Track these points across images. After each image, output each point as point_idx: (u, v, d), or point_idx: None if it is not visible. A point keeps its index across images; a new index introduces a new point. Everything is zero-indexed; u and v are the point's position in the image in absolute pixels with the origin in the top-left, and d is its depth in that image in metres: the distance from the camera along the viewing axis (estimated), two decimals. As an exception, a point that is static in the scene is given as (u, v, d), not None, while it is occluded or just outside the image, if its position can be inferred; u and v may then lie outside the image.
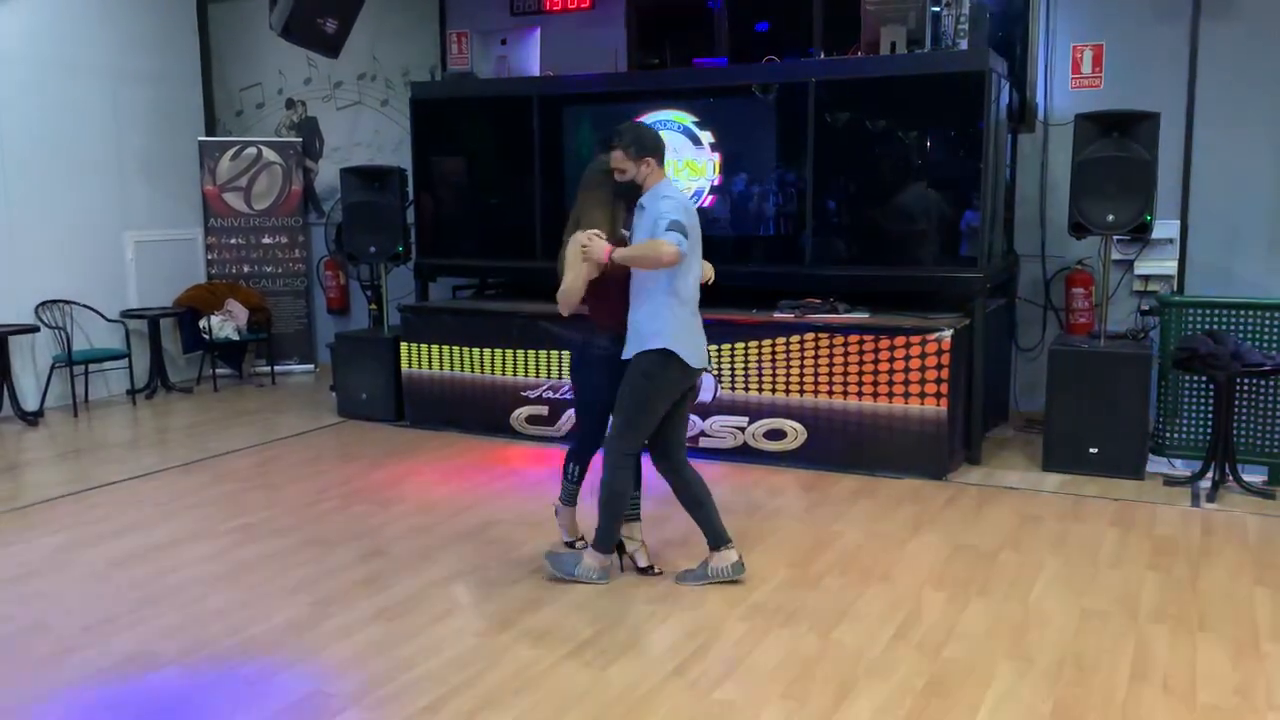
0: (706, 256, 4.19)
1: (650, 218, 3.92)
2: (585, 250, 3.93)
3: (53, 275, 7.66)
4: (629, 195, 4.04)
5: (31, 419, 7.24)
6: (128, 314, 8.10)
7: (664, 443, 4.15)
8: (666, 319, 3.94)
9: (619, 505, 4.14)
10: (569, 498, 4.50)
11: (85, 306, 7.79)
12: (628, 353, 4.02)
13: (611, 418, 4.14)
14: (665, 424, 4.10)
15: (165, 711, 3.23)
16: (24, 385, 7.42)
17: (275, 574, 4.35)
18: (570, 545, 4.52)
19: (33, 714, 3.23)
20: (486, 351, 6.68)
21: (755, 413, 5.97)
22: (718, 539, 4.18)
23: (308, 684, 3.38)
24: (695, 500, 4.18)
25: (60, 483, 5.78)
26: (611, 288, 4.02)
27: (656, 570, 4.28)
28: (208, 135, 9.00)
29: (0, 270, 7.34)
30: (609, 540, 4.18)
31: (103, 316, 7.91)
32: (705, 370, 4.20)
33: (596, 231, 3.97)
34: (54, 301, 7.60)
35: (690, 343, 3.99)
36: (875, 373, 5.67)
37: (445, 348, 6.83)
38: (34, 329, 7.38)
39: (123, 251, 8.29)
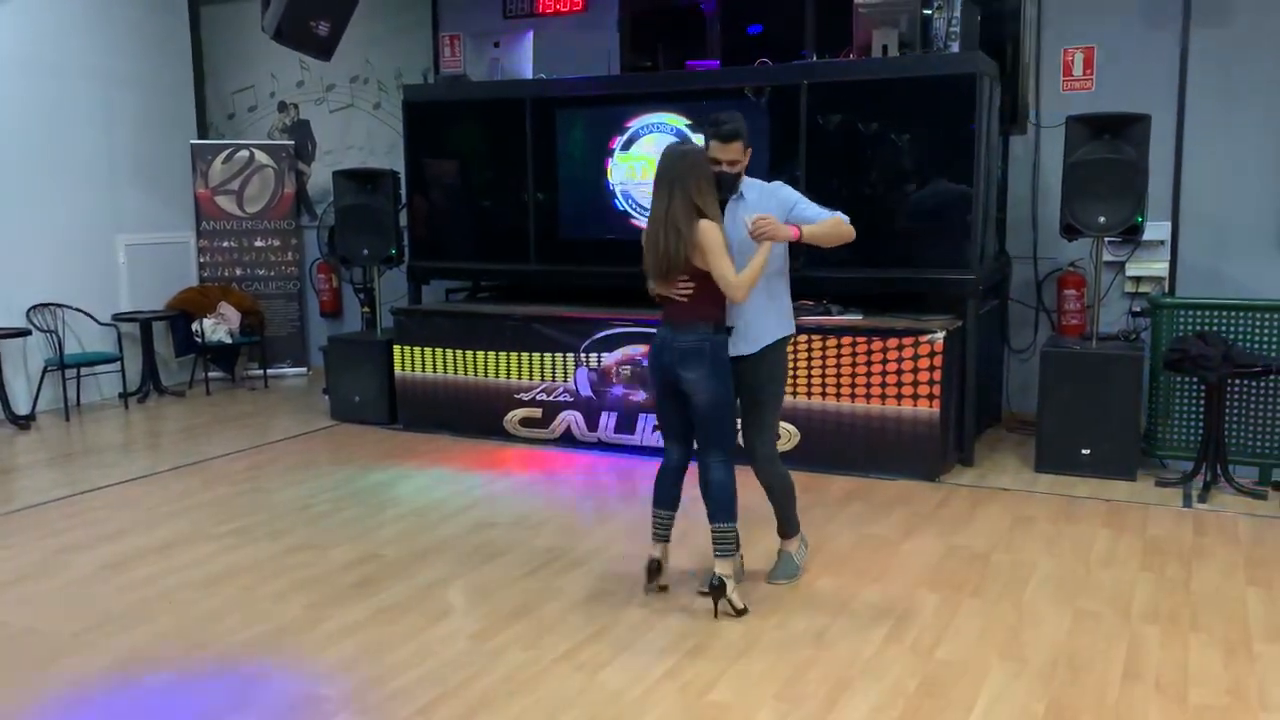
0: None
1: (763, 206, 3.84)
2: (766, 230, 3.69)
3: (44, 278, 7.64)
4: (723, 187, 3.84)
5: (23, 423, 7.22)
6: (120, 317, 8.08)
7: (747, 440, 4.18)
8: (783, 304, 4.07)
9: (792, 492, 4.23)
10: (664, 532, 4.14)
11: (77, 310, 7.77)
12: (755, 346, 3.91)
13: (746, 417, 4.10)
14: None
15: (159, 716, 3.22)
16: (15, 389, 7.41)
17: (269, 577, 4.34)
18: (663, 590, 4.09)
19: (28, 718, 3.21)
20: (480, 354, 6.68)
21: (748, 415, 5.97)
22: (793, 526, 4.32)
23: (302, 687, 3.37)
24: (786, 494, 4.27)
25: (52, 487, 5.76)
26: (713, 281, 3.78)
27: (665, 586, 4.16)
28: (200, 138, 9.00)
29: (-8, 274, 7.33)
30: (796, 523, 4.29)
31: (94, 320, 7.89)
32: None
33: (764, 215, 3.74)
34: (45, 305, 7.58)
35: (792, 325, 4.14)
36: (868, 374, 5.68)
37: (438, 350, 6.83)
38: (25, 332, 7.37)
39: (115, 254, 8.28)
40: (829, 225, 3.90)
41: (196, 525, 5.05)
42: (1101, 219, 5.52)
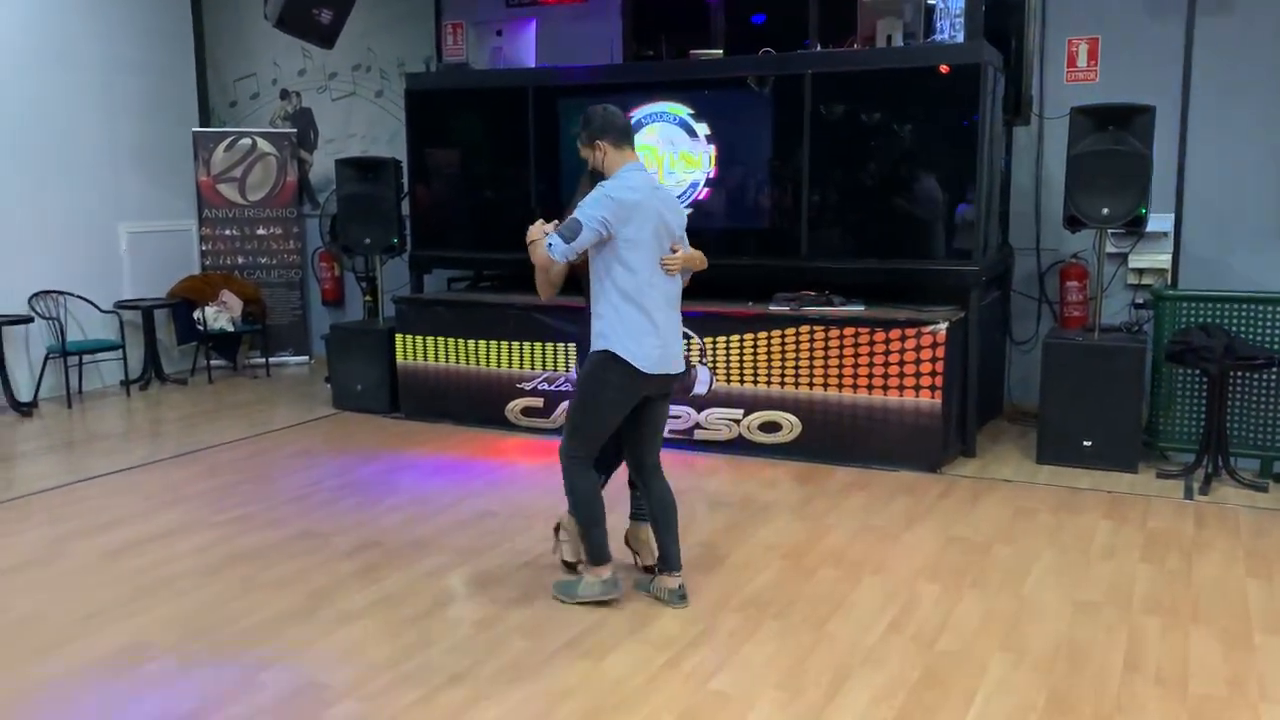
0: (702, 249, 4.02)
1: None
2: (530, 244, 3.78)
3: (46, 266, 7.63)
4: (593, 181, 3.86)
5: (25, 410, 7.23)
6: (122, 305, 8.08)
7: (633, 457, 3.96)
8: (609, 319, 3.70)
9: (591, 511, 3.86)
10: (639, 512, 4.17)
11: (79, 297, 7.77)
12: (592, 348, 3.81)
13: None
14: (633, 434, 3.88)
15: (160, 702, 3.22)
16: (17, 376, 7.40)
17: (270, 565, 4.34)
18: (571, 568, 4.16)
19: (28, 704, 3.22)
20: (481, 343, 6.68)
21: (750, 405, 5.98)
22: (667, 563, 3.93)
23: (303, 675, 3.38)
24: (653, 519, 3.97)
25: (54, 474, 5.77)
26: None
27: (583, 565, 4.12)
28: (202, 126, 8.97)
29: (-7, 261, 7.32)
30: (599, 551, 3.87)
31: (96, 307, 7.89)
32: (666, 375, 3.80)
33: (555, 224, 3.76)
34: (47, 292, 7.58)
35: (638, 345, 3.68)
36: (870, 365, 5.68)
37: (440, 339, 6.83)
38: (28, 320, 7.36)
39: (117, 242, 8.27)
40: (532, 243, 3.80)
41: (198, 513, 5.06)
42: (1105, 210, 5.51)
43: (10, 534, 4.79)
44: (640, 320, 3.71)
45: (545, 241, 3.66)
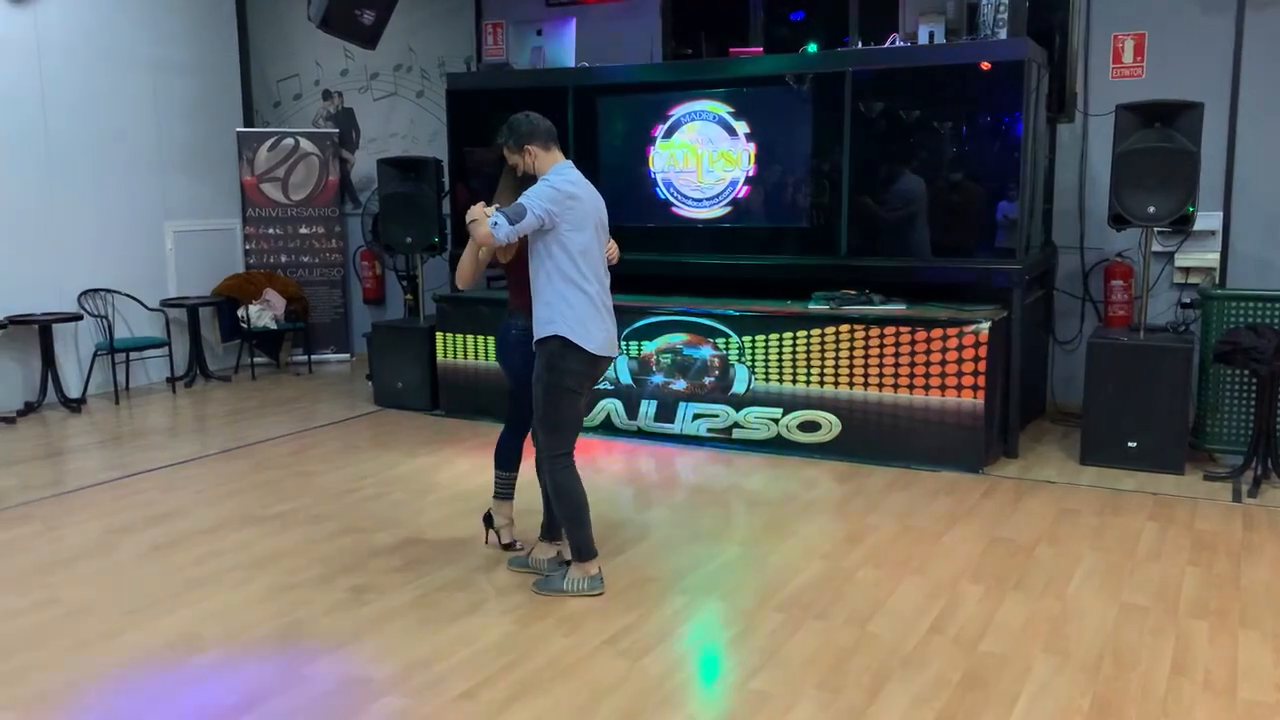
0: (741, 247, 4.11)
1: None
2: (470, 223, 3.83)
3: (95, 265, 7.78)
4: (530, 184, 3.99)
5: (74, 406, 7.36)
6: (167, 303, 8.21)
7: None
8: (556, 306, 3.84)
9: (582, 511, 3.98)
10: (504, 490, 4.42)
11: (126, 295, 7.91)
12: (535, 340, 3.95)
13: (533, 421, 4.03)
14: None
15: (207, 695, 3.28)
16: (67, 372, 7.55)
17: (314, 560, 4.40)
18: (509, 548, 4.41)
19: (80, 695, 3.29)
20: (521, 342, 6.70)
21: (789, 404, 5.96)
22: (552, 533, 4.19)
23: (347, 669, 3.42)
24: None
25: (103, 469, 5.87)
26: (524, 269, 3.98)
27: (520, 546, 4.37)
28: (246, 126, 9.09)
29: (44, 260, 7.46)
30: (587, 546, 4.00)
31: (143, 305, 8.02)
32: (610, 358, 4.00)
33: (495, 207, 3.88)
34: (96, 290, 7.72)
35: (585, 328, 3.84)
36: (911, 365, 5.64)
37: (480, 338, 6.87)
38: (77, 317, 7.50)
39: (163, 241, 8.40)
40: (473, 223, 3.83)
41: (244, 508, 5.13)
42: (1151, 209, 5.44)
43: (62, 527, 4.89)
44: (586, 305, 3.87)
45: (490, 221, 3.75)
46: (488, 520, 4.48)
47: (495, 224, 3.74)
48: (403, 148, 8.72)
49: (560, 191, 3.85)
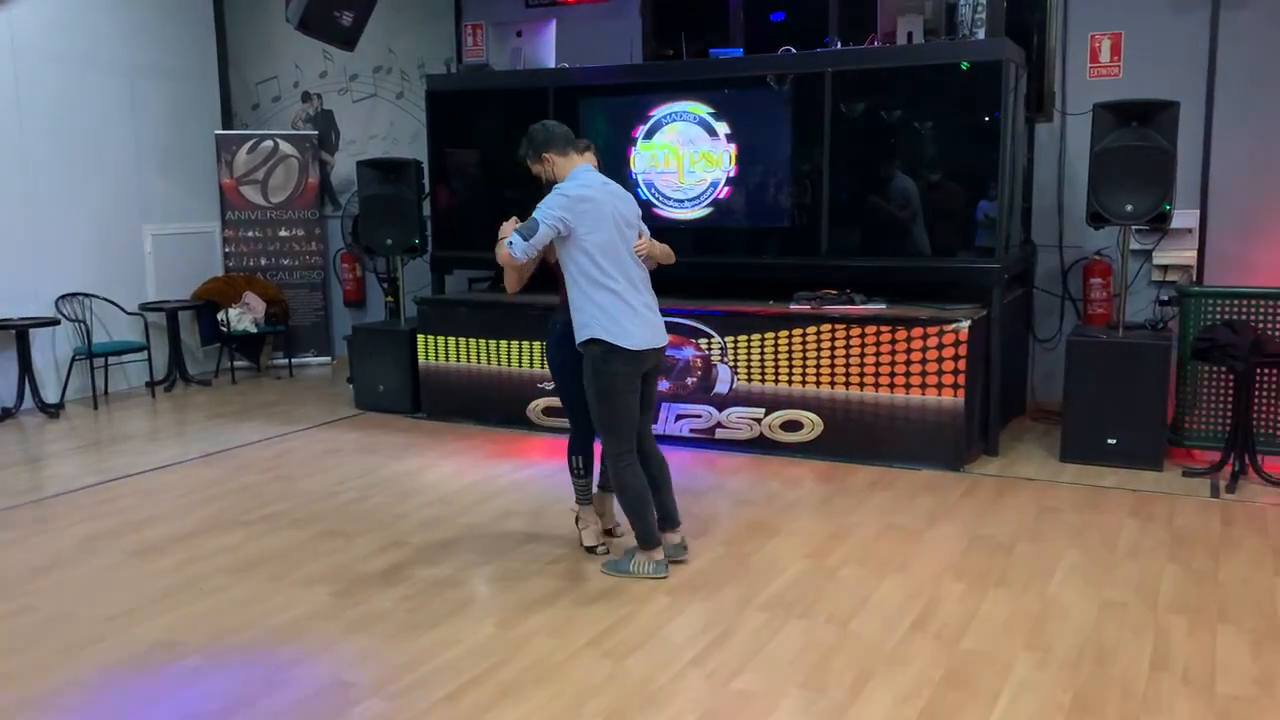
0: (722, 248, 4.18)
1: None
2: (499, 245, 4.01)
3: (72, 268, 7.72)
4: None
5: (52, 411, 7.30)
6: (146, 307, 8.15)
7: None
8: (587, 310, 3.96)
9: (643, 504, 4.13)
10: (583, 495, 4.50)
11: (104, 299, 7.85)
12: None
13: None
14: None
15: (188, 701, 3.26)
16: (45, 377, 7.49)
17: (295, 565, 4.38)
18: (610, 533, 4.55)
19: (57, 703, 3.26)
20: (503, 343, 6.70)
21: (772, 404, 5.98)
22: (670, 520, 4.27)
23: (328, 673, 3.40)
24: (654, 481, 4.22)
25: (82, 474, 5.83)
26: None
27: (602, 549, 4.40)
28: (224, 129, 9.04)
29: (21, 264, 7.40)
30: (650, 535, 4.17)
31: (122, 309, 7.97)
32: (656, 349, 4.11)
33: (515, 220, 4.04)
34: (74, 294, 7.66)
35: (618, 325, 3.94)
36: (892, 364, 5.66)
37: (461, 340, 6.85)
38: (54, 322, 7.45)
39: (141, 245, 8.35)
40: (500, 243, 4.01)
41: (224, 513, 5.10)
42: (1129, 207, 5.47)
43: (40, 534, 4.85)
44: (616, 304, 3.97)
45: (506, 241, 3.90)
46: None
47: (511, 244, 3.87)
48: (382, 149, 8.69)
49: (570, 197, 3.95)
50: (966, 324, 5.52)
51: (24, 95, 7.42)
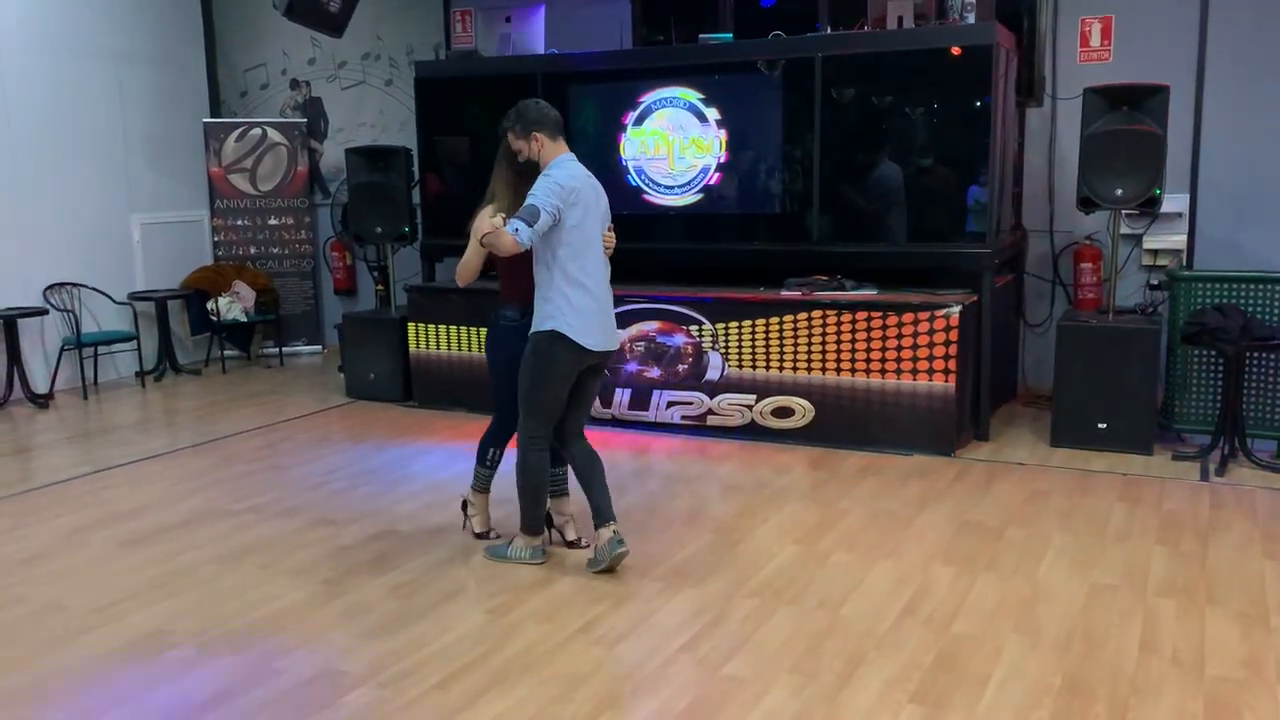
0: (713, 234, 4.15)
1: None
2: (486, 238, 3.89)
3: (60, 258, 7.67)
4: (530, 172, 4.03)
5: (41, 401, 7.27)
6: (135, 296, 8.12)
7: (560, 426, 4.12)
8: (556, 302, 3.92)
9: (541, 490, 4.14)
10: (482, 485, 4.47)
11: (93, 289, 7.81)
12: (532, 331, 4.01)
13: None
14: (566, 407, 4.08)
15: (179, 690, 3.25)
16: (34, 368, 7.45)
17: (286, 554, 4.37)
18: (483, 536, 4.46)
19: (48, 693, 3.25)
20: (494, 331, 6.68)
21: (763, 390, 5.97)
22: (601, 515, 4.09)
23: (319, 662, 3.40)
24: (583, 477, 4.14)
25: (71, 465, 5.81)
26: (518, 262, 4.00)
27: (584, 543, 4.31)
28: (212, 116, 8.99)
29: (9, 253, 7.35)
30: (536, 522, 4.19)
31: (111, 299, 7.93)
32: (607, 352, 4.07)
33: (501, 216, 3.92)
34: (62, 284, 7.62)
35: (583, 324, 3.92)
36: (883, 349, 5.66)
37: (452, 328, 6.84)
38: (43, 312, 7.41)
39: (129, 234, 8.30)
40: (492, 234, 3.86)
41: (214, 502, 5.09)
42: (1119, 191, 5.47)
43: (30, 524, 4.83)
44: (587, 301, 3.95)
45: (509, 229, 3.79)
46: (549, 522, 4.38)
47: (516, 231, 3.78)
48: (372, 137, 8.65)
49: (563, 186, 3.91)
50: (957, 309, 5.52)
51: (9, 83, 7.36)
